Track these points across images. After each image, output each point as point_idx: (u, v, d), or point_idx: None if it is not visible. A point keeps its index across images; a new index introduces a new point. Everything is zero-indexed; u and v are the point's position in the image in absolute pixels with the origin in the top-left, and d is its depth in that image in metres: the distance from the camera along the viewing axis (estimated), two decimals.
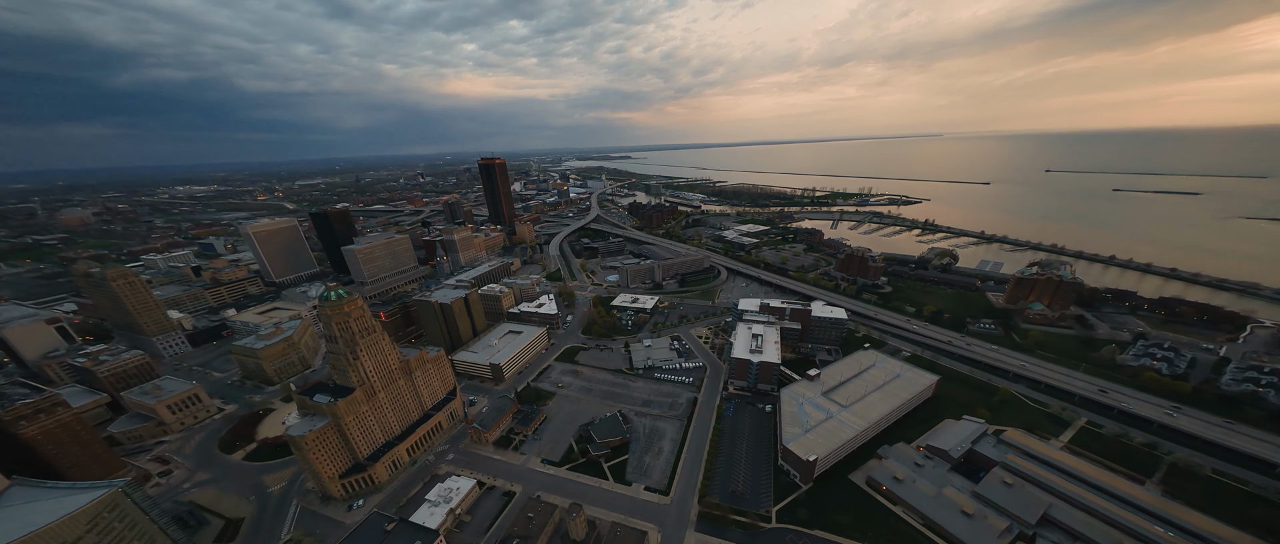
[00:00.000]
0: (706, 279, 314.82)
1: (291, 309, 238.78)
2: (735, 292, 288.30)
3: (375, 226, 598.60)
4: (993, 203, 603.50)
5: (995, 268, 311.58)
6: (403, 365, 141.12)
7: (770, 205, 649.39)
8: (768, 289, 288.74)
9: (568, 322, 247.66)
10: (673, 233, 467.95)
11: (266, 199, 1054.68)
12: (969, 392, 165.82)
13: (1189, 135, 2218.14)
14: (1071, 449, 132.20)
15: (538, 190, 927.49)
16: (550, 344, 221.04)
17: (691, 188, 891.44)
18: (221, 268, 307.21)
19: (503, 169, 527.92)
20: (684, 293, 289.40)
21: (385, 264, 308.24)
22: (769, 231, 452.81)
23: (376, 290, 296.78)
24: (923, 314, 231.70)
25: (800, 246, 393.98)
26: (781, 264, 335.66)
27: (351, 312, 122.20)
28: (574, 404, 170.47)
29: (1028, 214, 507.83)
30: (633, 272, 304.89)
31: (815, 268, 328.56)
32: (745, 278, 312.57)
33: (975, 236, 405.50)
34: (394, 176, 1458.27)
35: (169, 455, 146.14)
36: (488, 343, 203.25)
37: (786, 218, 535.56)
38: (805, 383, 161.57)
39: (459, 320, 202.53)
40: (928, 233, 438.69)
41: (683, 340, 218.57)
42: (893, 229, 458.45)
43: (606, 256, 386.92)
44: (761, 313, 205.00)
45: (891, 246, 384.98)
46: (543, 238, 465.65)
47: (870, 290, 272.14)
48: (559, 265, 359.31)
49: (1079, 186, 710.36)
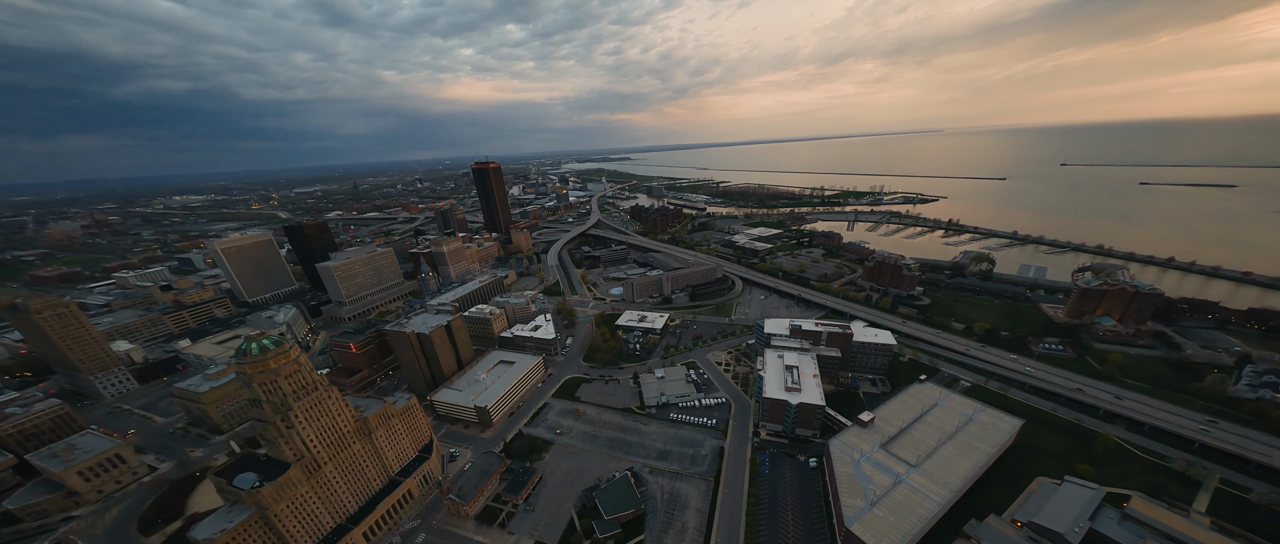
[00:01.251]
0: (720, 291, 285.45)
1: None
2: (753, 305, 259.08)
3: (366, 236, 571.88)
4: (1013, 199, 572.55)
5: (1040, 274, 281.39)
6: (360, 426, 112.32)
7: (779, 206, 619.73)
8: (789, 303, 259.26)
9: (568, 346, 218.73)
10: (679, 238, 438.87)
11: (261, 208, 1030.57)
12: (1057, 437, 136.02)
13: (1198, 125, 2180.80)
14: (1221, 525, 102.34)
15: (536, 194, 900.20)
16: (547, 375, 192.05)
17: (694, 189, 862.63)
18: (186, 288, 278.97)
19: (497, 173, 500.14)
20: (696, 308, 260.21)
21: (366, 281, 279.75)
22: (782, 235, 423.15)
23: (357, 310, 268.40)
24: (973, 332, 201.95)
25: (818, 252, 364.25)
26: (800, 272, 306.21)
27: (282, 367, 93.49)
28: (575, 458, 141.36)
29: (1054, 211, 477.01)
30: (638, 284, 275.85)
31: (839, 276, 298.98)
32: (763, 289, 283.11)
33: (1007, 237, 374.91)
34: (392, 183, 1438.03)
35: (70, 541, 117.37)
36: (474, 377, 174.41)
37: (797, 219, 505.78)
38: (857, 431, 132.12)
39: (440, 353, 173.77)
40: (952, 233, 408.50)
41: (700, 369, 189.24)
42: (914, 230, 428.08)
43: (609, 266, 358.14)
44: (792, 337, 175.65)
45: (916, 250, 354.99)
46: (540, 246, 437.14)
47: (906, 303, 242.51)
48: (558, 277, 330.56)
49: (1100, 180, 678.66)
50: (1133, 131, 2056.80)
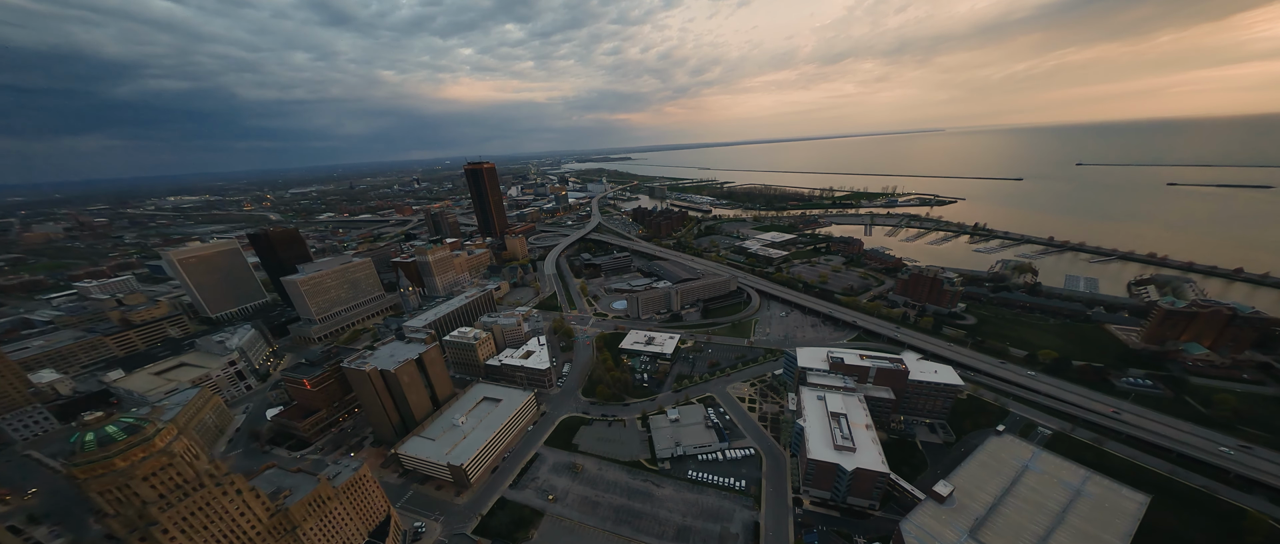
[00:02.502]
0: (735, 306, 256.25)
1: (201, 367, 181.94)
2: (773, 324, 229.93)
3: (352, 241, 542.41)
4: (1034, 200, 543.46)
5: (1091, 287, 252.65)
6: (278, 521, 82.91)
7: (788, 208, 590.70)
8: (814, 321, 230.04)
9: (565, 374, 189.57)
10: (685, 243, 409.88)
11: (253, 209, 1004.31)
12: (1185, 510, 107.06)
13: (1202, 125, 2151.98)
14: None
15: (535, 195, 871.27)
16: (540, 413, 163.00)
17: (698, 190, 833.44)
18: (136, 305, 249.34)
19: (492, 174, 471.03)
20: (710, 327, 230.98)
21: (340, 295, 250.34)
22: (795, 241, 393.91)
23: (329, 328, 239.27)
24: (1037, 360, 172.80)
25: (837, 260, 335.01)
26: (822, 284, 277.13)
27: (136, 466, 64.21)
28: (571, 536, 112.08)
29: (1080, 213, 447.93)
30: (644, 299, 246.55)
31: (865, 289, 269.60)
32: (782, 304, 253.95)
33: (1042, 243, 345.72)
34: (389, 183, 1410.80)
35: None
36: (451, 421, 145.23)
37: (810, 223, 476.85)
38: (933, 508, 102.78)
39: (410, 393, 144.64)
40: (979, 238, 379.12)
41: (720, 407, 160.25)
42: (938, 235, 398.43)
43: (611, 275, 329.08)
44: (832, 373, 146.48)
45: (942, 257, 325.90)
46: (537, 252, 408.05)
47: (950, 323, 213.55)
48: (556, 287, 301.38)
49: (1121, 180, 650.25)
50: (1140, 131, 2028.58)
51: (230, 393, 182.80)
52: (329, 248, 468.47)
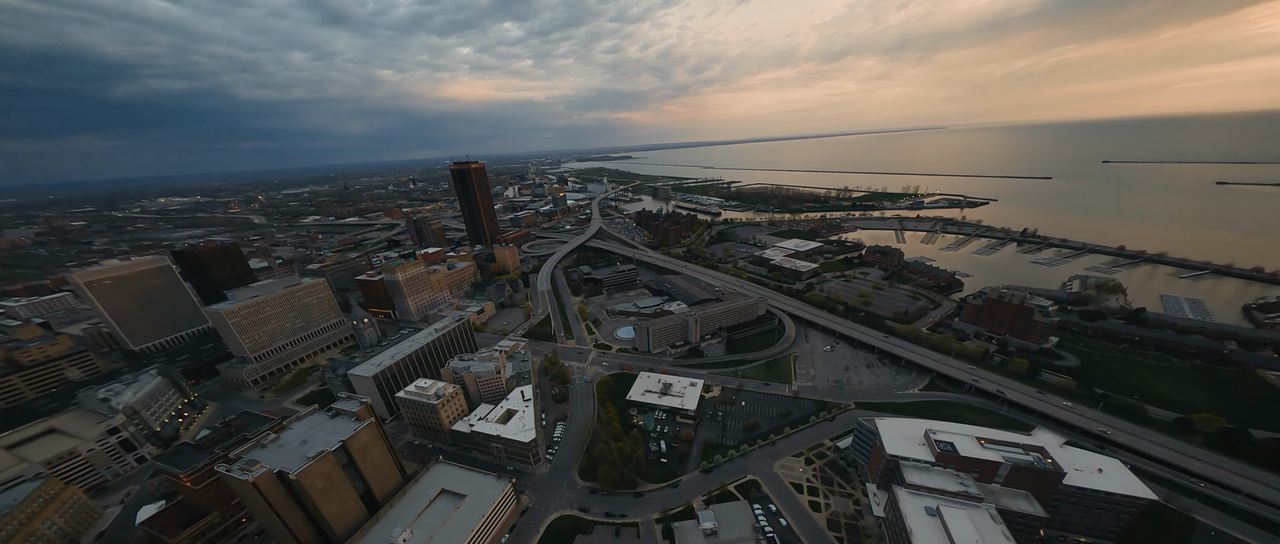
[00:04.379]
0: (766, 335, 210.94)
1: (71, 438, 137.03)
2: (817, 361, 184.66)
3: (333, 246, 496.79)
4: (1072, 201, 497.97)
5: (1199, 310, 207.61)
6: None
7: (803, 210, 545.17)
8: (869, 359, 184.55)
9: (556, 443, 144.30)
10: (696, 251, 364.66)
11: (240, 211, 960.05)
12: None
13: (1214, 121, 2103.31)
14: None
15: (533, 196, 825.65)
16: (521, 512, 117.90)
17: (703, 190, 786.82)
18: (27, 341, 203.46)
19: (481, 175, 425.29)
20: (739, 365, 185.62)
21: (284, 326, 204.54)
22: (822, 250, 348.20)
23: (269, 367, 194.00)
24: (1193, 426, 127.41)
25: (876, 273, 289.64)
26: (864, 305, 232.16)
27: None
28: None
29: (1133, 216, 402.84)
30: (656, 329, 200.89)
31: (918, 311, 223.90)
32: (822, 333, 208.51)
33: (1112, 254, 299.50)
34: (385, 183, 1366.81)
35: None
36: (388, 537, 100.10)
37: (832, 227, 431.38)
38: None
39: (327, 501, 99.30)
40: (1030, 246, 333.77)
41: (769, 502, 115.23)
42: (983, 243, 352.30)
43: (614, 292, 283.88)
44: (939, 467, 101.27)
45: (995, 271, 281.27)
46: (530, 262, 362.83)
47: (1046, 363, 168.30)
48: (549, 308, 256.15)
49: (1158, 179, 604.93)
50: (1152, 127, 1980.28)
51: (110, 471, 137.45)
52: (301, 257, 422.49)
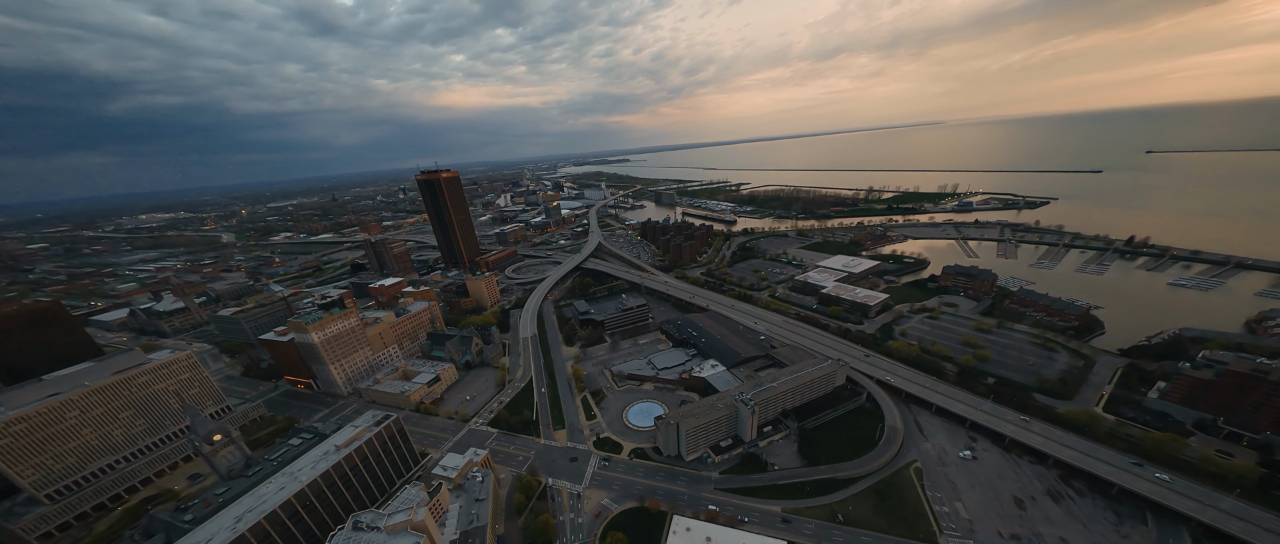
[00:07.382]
0: (854, 424, 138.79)
1: None
2: (960, 479, 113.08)
3: (295, 271, 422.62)
4: (1138, 198, 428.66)
5: None
6: None
7: (832, 216, 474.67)
8: (1044, 477, 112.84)
9: None
10: (718, 273, 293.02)
11: (214, 229, 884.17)
12: None
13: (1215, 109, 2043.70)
14: None
15: (526, 204, 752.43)
16: None
17: (711, 194, 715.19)
18: None
19: (454, 186, 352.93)
20: (829, 490, 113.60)
21: (111, 436, 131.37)
22: (881, 271, 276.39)
23: (76, 509, 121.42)
24: None
25: (969, 303, 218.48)
26: (978, 363, 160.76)
27: None
28: None
29: (1229, 215, 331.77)
30: (692, 429, 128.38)
31: (1073, 376, 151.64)
32: (943, 418, 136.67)
33: (1273, 270, 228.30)
34: (374, 193, 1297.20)
35: None
36: None
37: (876, 237, 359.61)
38: None
39: None
40: (1150, 257, 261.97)
41: None
42: (1082, 257, 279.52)
43: (619, 338, 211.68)
44: None
45: (1123, 296, 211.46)
46: (515, 292, 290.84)
47: None
48: (531, 371, 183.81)
49: (1223, 170, 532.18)
50: (1159, 116, 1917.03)
51: None
52: (234, 291, 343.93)
